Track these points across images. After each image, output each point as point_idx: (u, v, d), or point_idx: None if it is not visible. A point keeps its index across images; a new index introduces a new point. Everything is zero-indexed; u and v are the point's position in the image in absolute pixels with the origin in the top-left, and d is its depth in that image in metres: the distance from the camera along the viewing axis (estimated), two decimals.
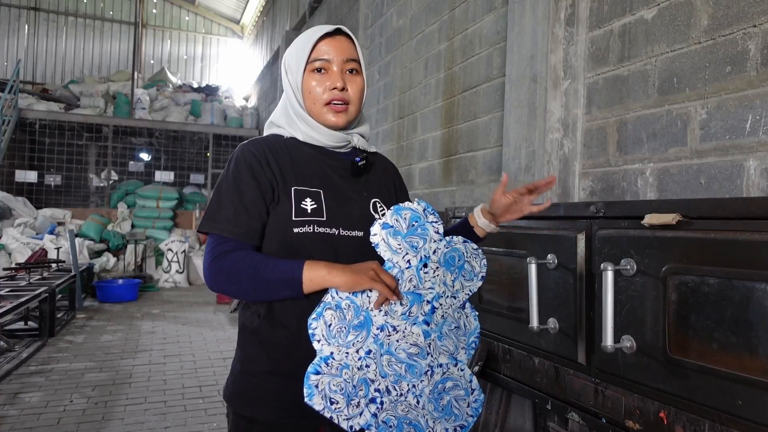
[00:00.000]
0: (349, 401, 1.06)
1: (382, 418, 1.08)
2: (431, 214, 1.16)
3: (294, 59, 1.20)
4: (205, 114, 11.73)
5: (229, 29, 16.94)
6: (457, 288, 1.16)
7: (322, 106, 1.18)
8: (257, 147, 1.17)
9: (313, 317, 1.06)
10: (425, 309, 1.13)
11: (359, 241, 1.16)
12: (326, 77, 1.18)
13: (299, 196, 1.14)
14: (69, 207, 10.01)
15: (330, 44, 1.18)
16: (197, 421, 3.24)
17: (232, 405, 1.16)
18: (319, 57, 1.17)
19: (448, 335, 1.15)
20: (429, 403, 1.12)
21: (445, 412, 1.13)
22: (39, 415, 3.25)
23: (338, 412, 1.05)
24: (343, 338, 1.07)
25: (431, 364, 1.13)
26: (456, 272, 1.16)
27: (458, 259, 1.16)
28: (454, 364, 1.15)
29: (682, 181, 1.88)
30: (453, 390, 1.14)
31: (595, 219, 1.40)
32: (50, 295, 4.95)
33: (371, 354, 1.08)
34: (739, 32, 1.71)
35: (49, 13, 14.56)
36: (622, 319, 1.27)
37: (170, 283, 8.60)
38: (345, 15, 6.12)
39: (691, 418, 1.12)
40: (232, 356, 1.26)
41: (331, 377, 1.06)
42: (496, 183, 2.99)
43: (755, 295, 1.00)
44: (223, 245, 1.10)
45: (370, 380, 1.08)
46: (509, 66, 2.70)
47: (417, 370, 1.11)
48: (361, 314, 1.08)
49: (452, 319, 1.16)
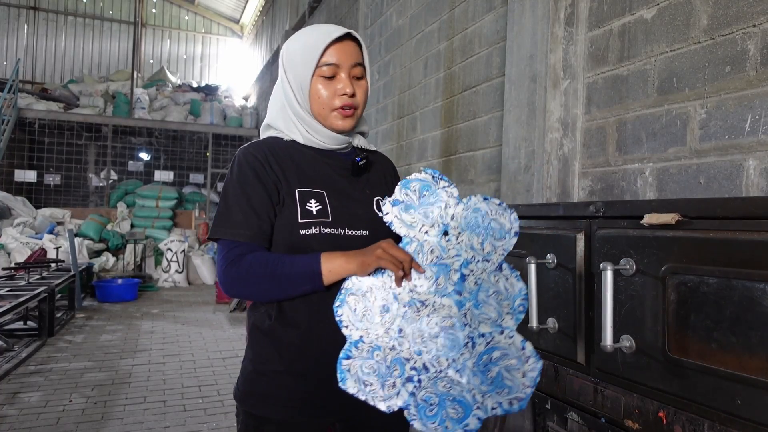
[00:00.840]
0: (383, 382, 1.02)
1: (421, 397, 1.01)
2: (441, 179, 1.10)
3: (299, 60, 1.17)
4: (204, 114, 11.72)
5: (228, 29, 16.93)
6: (488, 250, 1.07)
7: (330, 111, 1.17)
8: (258, 150, 1.17)
9: (337, 304, 1.05)
10: (454, 278, 1.05)
11: (365, 240, 1.16)
12: (335, 82, 1.16)
13: (303, 198, 1.14)
14: (68, 206, 10.00)
15: (339, 49, 1.15)
16: (196, 420, 3.24)
17: (244, 405, 1.17)
18: (328, 62, 1.15)
19: (487, 302, 1.06)
20: (474, 377, 1.02)
21: (495, 385, 1.02)
22: (38, 415, 3.25)
23: (373, 394, 1.01)
24: (370, 320, 1.04)
25: (470, 335, 1.04)
26: (483, 234, 1.07)
27: (482, 219, 1.08)
28: (500, 332, 1.05)
29: (682, 180, 1.88)
30: (502, 360, 1.04)
31: (595, 219, 1.40)
32: (49, 294, 4.95)
33: (402, 333, 1.04)
34: (738, 32, 1.71)
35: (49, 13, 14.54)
36: (622, 318, 1.27)
37: (170, 283, 8.60)
38: (344, 14, 6.11)
39: (690, 417, 1.12)
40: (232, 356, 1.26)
41: (362, 360, 1.03)
42: (496, 183, 2.99)
43: (755, 294, 1.00)
44: (236, 249, 1.10)
45: (404, 359, 1.03)
46: (509, 66, 2.70)
47: (455, 344, 1.03)
48: (385, 294, 1.05)
49: (488, 284, 1.06)
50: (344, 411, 1.18)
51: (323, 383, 1.13)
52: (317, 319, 1.12)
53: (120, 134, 11.16)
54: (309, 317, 1.13)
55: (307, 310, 1.13)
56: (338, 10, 6.43)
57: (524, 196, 2.50)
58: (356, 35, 1.19)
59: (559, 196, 2.37)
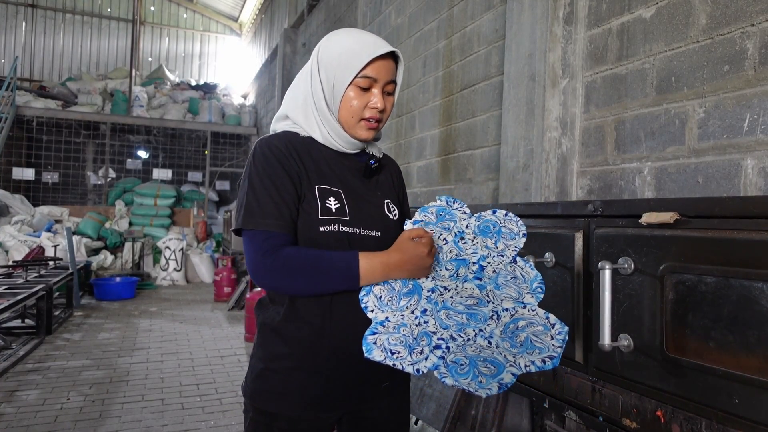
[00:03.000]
0: (411, 350, 1.03)
1: (450, 359, 1.03)
2: (455, 202, 1.22)
3: (338, 64, 1.16)
4: (203, 112, 11.69)
5: (227, 27, 16.89)
6: (502, 248, 1.17)
7: (357, 121, 1.18)
8: (281, 141, 1.17)
9: (362, 294, 1.09)
10: (473, 269, 1.14)
11: (377, 240, 1.18)
12: (368, 95, 1.17)
13: (323, 195, 1.16)
14: (66, 204, 9.98)
15: (380, 65, 1.16)
16: (195, 419, 3.24)
17: (254, 401, 1.18)
18: (368, 75, 1.15)
19: (506, 284, 1.12)
20: (504, 342, 1.06)
21: (525, 347, 1.05)
22: (36, 413, 3.24)
23: (401, 359, 1.02)
24: (396, 304, 1.08)
25: (495, 309, 1.09)
26: (495, 236, 1.18)
27: (493, 226, 1.19)
28: (522, 307, 1.11)
29: (680, 179, 1.89)
30: (528, 327, 1.08)
31: (593, 218, 1.40)
32: (47, 292, 4.94)
33: (427, 312, 1.08)
34: (737, 31, 1.71)
35: (47, 10, 14.49)
36: (620, 317, 1.27)
37: (168, 281, 8.59)
38: (343, 13, 6.10)
39: (687, 416, 1.13)
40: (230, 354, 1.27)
41: (389, 334, 1.05)
42: (495, 181, 2.99)
43: (752, 293, 1.00)
44: (271, 240, 1.09)
45: (431, 332, 1.06)
46: (508, 64, 2.70)
47: (480, 317, 1.08)
48: (409, 283, 1.11)
49: (506, 272, 1.14)
50: (352, 405, 1.20)
51: (334, 380, 1.15)
52: (329, 316, 1.14)
53: (118, 132, 11.14)
54: (321, 314, 1.14)
55: (319, 307, 1.14)
56: (337, 8, 6.42)
57: (523, 194, 2.50)
58: (399, 55, 1.20)
59: (557, 195, 2.37)
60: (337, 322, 1.13)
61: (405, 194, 1.40)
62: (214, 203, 11.91)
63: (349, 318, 1.12)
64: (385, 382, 1.22)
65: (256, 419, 1.18)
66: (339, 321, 1.13)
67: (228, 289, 7.16)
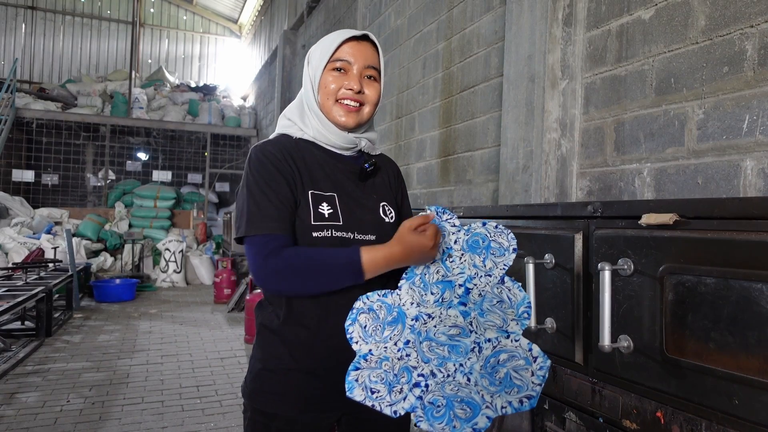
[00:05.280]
0: (390, 389, 1.04)
1: (428, 400, 1.03)
2: (443, 212, 1.19)
3: (317, 54, 1.22)
4: (202, 113, 11.70)
5: (226, 29, 16.91)
6: (490, 266, 1.14)
7: (333, 103, 1.20)
8: (275, 147, 1.19)
9: (348, 323, 1.09)
10: (458, 292, 1.11)
11: (371, 244, 1.18)
12: (344, 77, 1.20)
13: (316, 201, 1.16)
14: (66, 206, 9.98)
15: (354, 48, 1.20)
16: (195, 421, 3.23)
17: (253, 401, 1.19)
18: (341, 57, 1.19)
19: (491, 310, 1.10)
20: (482, 379, 1.05)
21: (504, 385, 1.04)
22: (36, 415, 3.24)
23: (380, 399, 1.03)
24: (380, 335, 1.08)
25: (476, 340, 1.08)
26: (484, 253, 1.15)
27: (482, 241, 1.16)
28: (506, 337, 1.08)
29: (680, 181, 1.89)
30: (510, 361, 1.06)
31: (593, 219, 1.40)
32: (47, 294, 4.94)
33: (410, 344, 1.07)
34: (736, 32, 1.71)
35: (47, 12, 14.51)
36: (619, 318, 1.27)
37: (168, 283, 8.59)
38: (343, 14, 6.11)
39: (687, 417, 1.13)
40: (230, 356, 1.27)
41: (370, 370, 1.05)
42: (494, 183, 2.99)
43: (752, 295, 1.00)
44: (273, 242, 1.10)
45: (412, 367, 1.06)
46: (507, 66, 2.70)
47: (461, 349, 1.07)
48: (393, 311, 1.10)
49: (492, 295, 1.12)
50: (350, 406, 1.20)
51: (332, 381, 1.15)
52: (326, 317, 1.14)
53: (118, 134, 11.14)
54: (318, 316, 1.15)
55: (317, 309, 1.15)
56: (337, 10, 6.43)
57: (522, 196, 2.51)
58: (374, 39, 1.23)
59: (557, 196, 2.38)
60: (334, 324, 1.14)
61: (405, 194, 1.40)
62: (213, 205, 11.91)
63: (344, 318, 1.12)
64: None
65: (254, 419, 1.19)
66: (336, 322, 1.13)
67: (228, 290, 7.16)
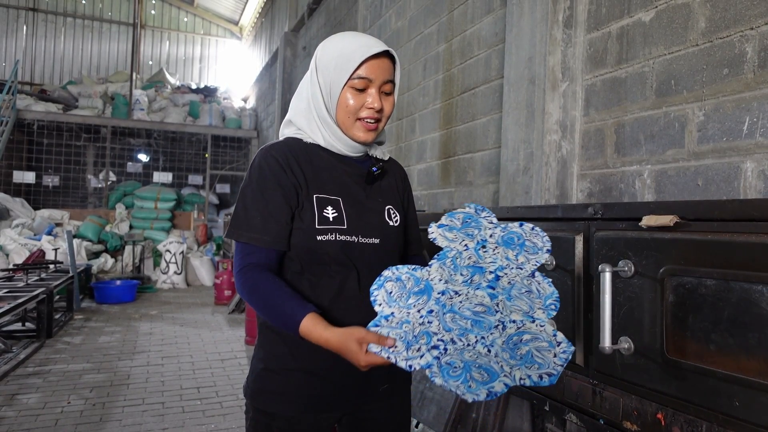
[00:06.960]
0: (408, 347, 1.02)
1: (445, 360, 1.00)
2: (482, 210, 1.22)
3: (333, 66, 1.17)
4: (203, 115, 11.71)
5: (227, 30, 16.92)
6: (522, 261, 1.13)
7: (354, 121, 1.19)
8: (280, 152, 1.19)
9: (374, 287, 1.09)
10: (488, 278, 1.11)
11: (376, 248, 1.20)
12: (364, 95, 1.18)
13: (321, 204, 1.17)
14: (67, 208, 9.98)
15: (374, 64, 1.16)
16: (195, 422, 3.23)
17: (255, 401, 1.19)
18: (362, 75, 1.16)
19: (519, 297, 1.08)
20: (503, 352, 1.02)
21: (524, 360, 1.01)
22: (36, 417, 3.24)
23: (396, 354, 1.01)
24: (404, 301, 1.08)
25: (501, 319, 1.05)
26: (518, 249, 1.15)
27: (517, 239, 1.17)
28: (531, 321, 1.06)
29: (680, 182, 1.89)
30: (532, 342, 1.03)
31: (593, 220, 1.40)
32: (48, 296, 4.94)
33: (433, 313, 1.06)
34: (736, 35, 1.71)
35: (48, 14, 14.53)
36: (620, 320, 1.27)
37: (168, 284, 8.59)
38: (344, 16, 6.12)
39: (688, 419, 1.13)
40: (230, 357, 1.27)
41: (390, 329, 1.04)
42: (495, 184, 3.00)
43: (752, 296, 1.00)
44: (251, 256, 1.14)
45: (432, 332, 1.03)
46: (507, 68, 2.71)
47: (485, 325, 1.04)
48: (421, 283, 1.10)
49: (521, 285, 1.10)
50: (352, 406, 1.21)
51: (332, 381, 1.16)
52: (329, 318, 1.14)
53: (119, 135, 11.14)
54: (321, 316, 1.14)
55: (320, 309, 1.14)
56: (337, 11, 6.43)
57: (523, 197, 2.51)
58: (393, 53, 1.20)
59: (557, 198, 2.38)
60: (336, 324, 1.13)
61: (410, 198, 1.40)
62: (214, 206, 11.92)
63: (347, 320, 1.12)
64: (383, 384, 1.23)
65: (256, 419, 1.19)
66: (337, 323, 1.12)
67: (228, 292, 7.16)
